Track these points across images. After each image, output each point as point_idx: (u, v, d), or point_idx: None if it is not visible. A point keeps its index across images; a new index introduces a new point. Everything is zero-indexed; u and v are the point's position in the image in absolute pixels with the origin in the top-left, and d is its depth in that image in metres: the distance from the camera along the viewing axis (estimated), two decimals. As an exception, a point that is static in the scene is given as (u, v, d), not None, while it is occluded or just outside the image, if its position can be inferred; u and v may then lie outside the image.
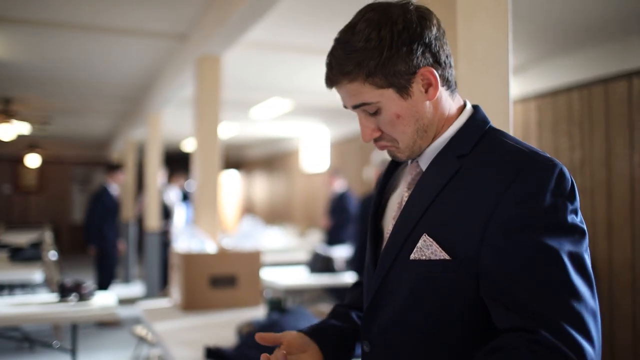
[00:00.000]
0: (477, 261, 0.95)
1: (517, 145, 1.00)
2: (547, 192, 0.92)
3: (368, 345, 1.12)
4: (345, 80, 1.04)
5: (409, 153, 1.09)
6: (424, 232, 1.01)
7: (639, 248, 4.70)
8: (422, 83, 1.03)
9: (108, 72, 6.59)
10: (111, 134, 12.40)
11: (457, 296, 0.97)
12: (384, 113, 1.04)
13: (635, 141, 4.76)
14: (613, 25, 4.52)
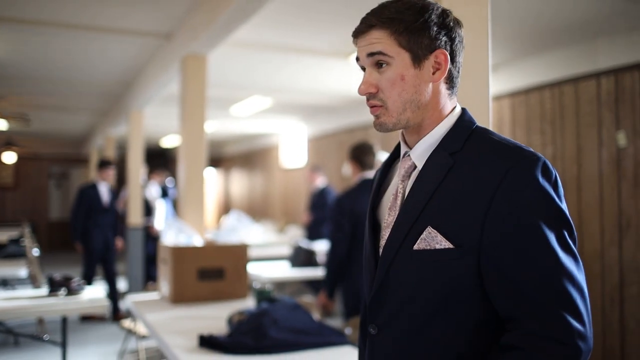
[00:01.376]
0: (479, 248, 1.06)
1: (504, 142, 1.12)
2: (536, 181, 1.04)
3: (375, 329, 1.20)
4: (378, 25, 1.14)
5: (395, 120, 1.16)
6: (428, 225, 1.10)
7: (608, 240, 4.92)
8: (433, 63, 1.14)
9: (90, 69, 6.61)
10: (90, 131, 12.36)
11: (460, 280, 1.08)
12: (390, 70, 1.14)
13: (603, 138, 4.98)
14: (582, 27, 4.71)
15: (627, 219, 4.74)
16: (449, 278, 1.09)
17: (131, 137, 7.71)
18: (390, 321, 1.17)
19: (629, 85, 4.77)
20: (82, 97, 8.40)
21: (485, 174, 1.06)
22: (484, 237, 1.05)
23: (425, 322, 1.12)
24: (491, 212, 1.04)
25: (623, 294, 4.78)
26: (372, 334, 1.21)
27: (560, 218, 1.04)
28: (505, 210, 1.03)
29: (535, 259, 1.02)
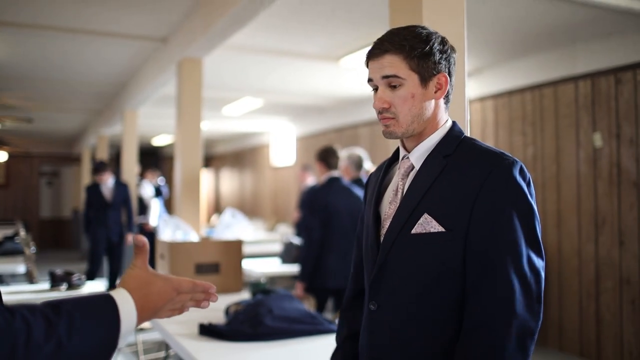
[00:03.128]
0: (466, 232, 1.29)
1: (489, 149, 1.36)
2: (513, 179, 1.29)
3: (375, 305, 1.41)
4: (392, 51, 1.35)
5: (404, 130, 1.38)
6: (425, 212, 1.32)
7: (585, 237, 5.15)
8: (436, 83, 1.37)
9: (86, 71, 6.73)
10: (82, 130, 12.44)
11: (451, 259, 1.30)
12: (403, 89, 1.36)
13: (580, 139, 5.20)
14: (561, 34, 4.93)
15: (603, 216, 4.98)
16: (440, 259, 1.31)
17: (126, 136, 7.85)
18: (389, 297, 1.38)
19: (604, 89, 4.99)
20: (76, 97, 8.50)
21: (473, 173, 1.31)
22: (470, 222, 1.28)
23: (419, 297, 1.34)
24: (477, 202, 1.28)
25: (599, 288, 5.01)
26: (372, 310, 1.41)
27: (530, 210, 1.29)
28: (488, 201, 1.27)
29: (504, 238, 1.26)
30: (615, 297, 4.86)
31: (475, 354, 1.24)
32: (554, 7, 4.23)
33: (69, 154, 15.20)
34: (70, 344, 0.88)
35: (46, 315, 0.89)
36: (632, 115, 4.77)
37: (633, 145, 4.75)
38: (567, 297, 5.24)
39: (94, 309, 0.95)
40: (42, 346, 0.86)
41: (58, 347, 0.87)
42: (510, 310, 1.23)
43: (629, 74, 4.80)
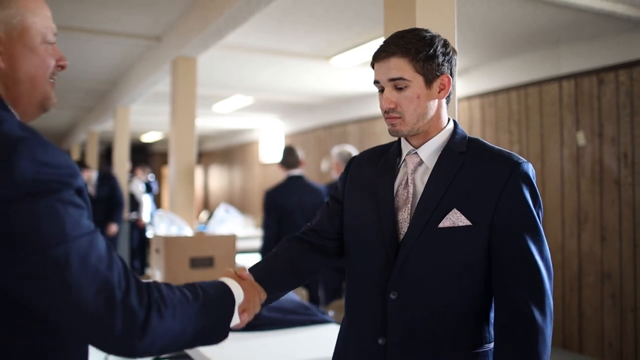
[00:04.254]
0: (490, 225, 1.39)
1: (499, 148, 1.48)
2: (530, 180, 1.41)
3: (395, 294, 1.45)
4: (399, 54, 1.43)
5: (409, 128, 1.45)
6: (453, 207, 1.40)
7: (568, 233, 5.30)
8: (439, 84, 1.46)
9: (78, 68, 6.77)
10: (72, 127, 12.45)
11: (475, 251, 1.40)
12: (409, 90, 1.43)
13: (564, 137, 5.35)
14: (546, 35, 5.06)
15: (585, 213, 5.13)
16: (465, 250, 1.41)
17: (117, 132, 7.91)
18: (413, 287, 1.44)
19: (587, 89, 5.14)
20: (67, 94, 8.54)
21: (494, 171, 1.41)
22: (495, 216, 1.39)
23: (442, 287, 1.43)
24: (501, 199, 1.39)
25: (581, 282, 5.17)
26: (392, 298, 1.45)
27: (541, 206, 1.44)
28: (513, 199, 1.39)
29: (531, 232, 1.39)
30: (597, 291, 5.02)
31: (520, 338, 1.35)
32: (539, 10, 4.36)
33: (58, 150, 15.18)
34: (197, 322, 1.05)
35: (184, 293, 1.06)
36: (613, 114, 4.92)
37: (615, 144, 4.90)
38: (551, 291, 5.39)
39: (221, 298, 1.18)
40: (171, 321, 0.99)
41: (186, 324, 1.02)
42: (544, 293, 1.36)
43: (610, 74, 4.95)
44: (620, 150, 4.86)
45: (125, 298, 0.92)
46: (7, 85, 0.99)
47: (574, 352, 5.18)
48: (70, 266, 0.87)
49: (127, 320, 0.91)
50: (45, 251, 0.85)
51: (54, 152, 0.88)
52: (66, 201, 0.87)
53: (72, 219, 0.88)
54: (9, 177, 0.82)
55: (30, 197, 0.83)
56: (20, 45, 0.99)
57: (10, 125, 0.88)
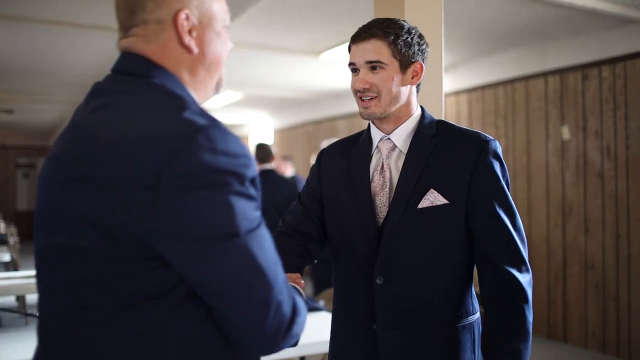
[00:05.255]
0: (466, 202, 1.47)
1: (465, 128, 1.57)
2: (499, 156, 1.50)
3: (381, 279, 1.49)
4: (379, 36, 1.49)
5: (382, 110, 1.50)
6: (429, 187, 1.46)
7: (553, 224, 5.42)
8: (413, 70, 1.52)
9: (71, 63, 6.78)
10: (60, 122, 12.42)
11: (455, 227, 1.48)
12: (384, 72, 1.49)
13: (549, 132, 5.47)
14: (532, 31, 5.17)
15: (570, 205, 5.25)
16: (444, 228, 1.49)
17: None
18: (399, 270, 1.49)
19: (572, 84, 5.26)
20: (57, 89, 8.53)
21: (465, 150, 1.50)
22: (470, 192, 1.47)
23: (427, 267, 1.50)
24: (475, 176, 1.47)
25: (566, 273, 5.29)
26: (378, 284, 1.50)
27: (508, 179, 1.54)
28: (484, 175, 1.48)
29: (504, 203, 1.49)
30: (581, 281, 5.15)
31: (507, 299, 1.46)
32: (525, 6, 4.45)
33: (47, 146, 15.14)
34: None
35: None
36: (597, 109, 5.04)
37: (598, 138, 5.02)
38: (536, 281, 5.51)
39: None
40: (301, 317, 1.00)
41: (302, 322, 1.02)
42: (521, 257, 1.47)
43: (594, 70, 5.07)
44: (604, 144, 4.98)
45: (282, 299, 0.93)
46: (194, 70, 1.04)
47: (559, 342, 5.30)
48: (240, 257, 0.88)
49: (278, 322, 0.92)
50: (217, 242, 0.86)
51: (232, 141, 0.89)
52: (240, 192, 0.88)
53: (244, 212, 0.88)
54: (188, 166, 0.83)
55: (207, 187, 0.84)
56: (209, 31, 1.04)
57: (192, 112, 0.90)
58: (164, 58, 1.01)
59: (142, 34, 1.01)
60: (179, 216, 0.84)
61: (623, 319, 4.80)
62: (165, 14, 0.99)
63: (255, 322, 0.90)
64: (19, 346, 4.93)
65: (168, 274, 0.88)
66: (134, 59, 1.01)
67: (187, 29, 1.00)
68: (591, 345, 5.05)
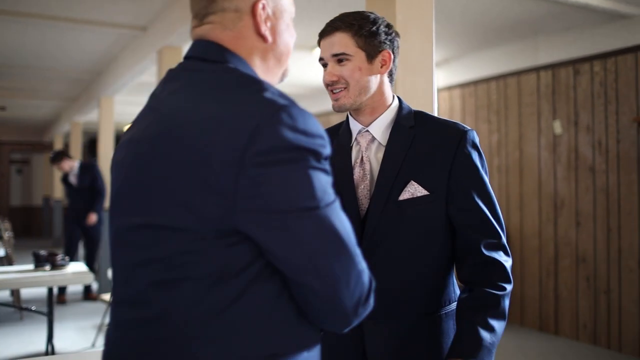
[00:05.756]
0: (446, 191, 1.49)
1: (443, 119, 1.59)
2: (477, 147, 1.53)
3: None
4: (342, 29, 1.51)
5: (352, 101, 1.51)
6: (410, 179, 1.47)
7: (545, 218, 5.46)
8: (381, 59, 1.53)
9: (64, 58, 6.78)
10: (54, 118, 12.40)
11: (437, 217, 1.50)
12: (350, 64, 1.50)
13: (541, 126, 5.51)
14: (524, 27, 5.20)
15: (561, 199, 5.30)
16: (427, 219, 1.51)
17: (102, 123, 7.92)
18: (380, 263, 1.47)
19: (564, 79, 5.30)
20: (50, 84, 8.52)
21: (444, 141, 1.51)
22: (449, 182, 1.49)
23: (409, 258, 1.52)
24: (453, 165, 1.49)
25: (557, 266, 5.34)
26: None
27: (486, 168, 1.56)
28: (463, 165, 1.49)
29: (482, 191, 1.51)
30: (572, 274, 5.20)
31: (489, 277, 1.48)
32: (518, 1, 4.48)
33: (40, 142, 15.12)
34: None
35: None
36: (588, 104, 5.08)
37: (589, 133, 5.07)
38: (528, 275, 5.56)
39: None
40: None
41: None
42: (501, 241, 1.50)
43: (586, 65, 5.11)
44: (595, 139, 5.02)
45: (362, 269, 0.95)
46: (265, 58, 1.09)
47: (550, 334, 5.35)
48: (321, 228, 0.91)
49: (359, 291, 0.95)
50: (298, 214, 0.89)
51: (311, 121, 0.93)
52: (318, 168, 0.92)
53: (322, 186, 0.92)
54: (271, 142, 0.88)
55: (288, 162, 0.88)
56: (281, 22, 1.10)
57: (272, 93, 0.94)
58: (238, 45, 1.05)
59: (219, 21, 1.05)
60: (262, 190, 0.87)
61: (614, 312, 4.86)
62: (244, 3, 1.05)
63: (338, 292, 0.92)
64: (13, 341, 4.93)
65: (244, 251, 0.92)
66: (210, 46, 1.05)
67: (264, 18, 1.06)
68: (582, 337, 5.10)
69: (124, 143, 1.06)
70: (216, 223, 0.89)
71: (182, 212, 0.90)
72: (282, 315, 0.95)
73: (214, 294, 0.91)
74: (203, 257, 0.91)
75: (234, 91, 0.95)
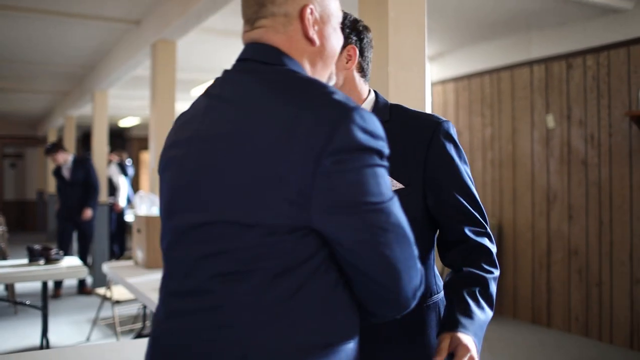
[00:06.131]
0: (423, 183, 1.49)
1: (418, 111, 1.59)
2: (453, 137, 1.53)
3: None
4: None
5: None
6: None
7: (538, 211, 5.50)
8: (346, 55, 1.54)
9: (57, 52, 6.76)
10: (48, 112, 12.36)
11: (415, 209, 1.50)
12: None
13: (535, 120, 5.53)
14: (518, 21, 5.22)
15: (554, 192, 5.33)
16: (406, 212, 1.51)
17: (96, 117, 7.91)
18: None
19: (557, 73, 5.32)
20: (44, 78, 8.49)
21: (418, 133, 1.52)
22: (425, 174, 1.50)
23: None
24: (428, 158, 1.50)
25: (550, 259, 5.37)
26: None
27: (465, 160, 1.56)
28: (438, 156, 1.50)
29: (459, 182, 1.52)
30: (564, 267, 5.23)
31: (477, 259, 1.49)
32: (510, -5, 4.51)
33: (34, 136, 15.06)
34: None
35: None
36: (581, 98, 5.10)
37: (582, 126, 5.09)
38: (521, 268, 5.60)
39: None
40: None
41: None
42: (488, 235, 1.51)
43: (579, 59, 5.13)
44: (587, 132, 5.05)
45: (417, 260, 1.03)
46: (313, 61, 1.14)
47: (543, 326, 5.39)
48: (388, 221, 0.98)
49: (417, 279, 1.03)
50: (368, 210, 0.96)
51: (376, 123, 0.99)
52: (382, 166, 0.99)
53: (385, 182, 0.99)
54: (345, 142, 0.93)
55: (359, 160, 0.95)
56: (328, 26, 1.15)
57: (340, 95, 0.99)
58: (291, 48, 1.10)
59: (271, 25, 1.10)
60: (337, 187, 0.93)
61: (605, 305, 4.90)
62: (292, 8, 1.09)
63: (399, 281, 1.00)
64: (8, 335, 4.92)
65: (309, 244, 0.97)
66: (267, 49, 1.09)
67: (312, 22, 1.10)
68: (574, 330, 5.14)
69: (184, 140, 1.08)
70: (290, 219, 0.94)
71: (255, 209, 0.95)
72: (337, 305, 1.01)
73: (278, 285, 0.96)
74: (271, 251, 0.95)
75: (305, 93, 1.00)
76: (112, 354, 2.08)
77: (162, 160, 1.15)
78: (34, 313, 5.62)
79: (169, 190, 1.09)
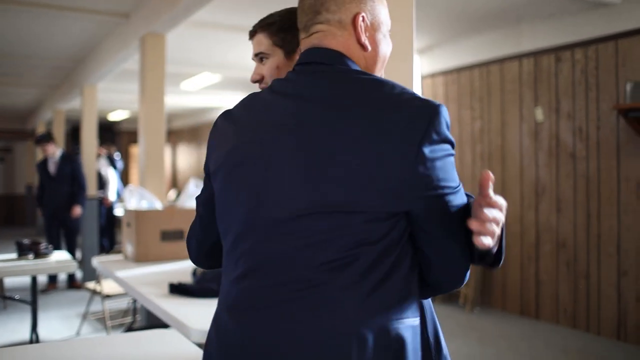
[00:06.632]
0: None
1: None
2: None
3: None
4: (259, 30, 1.54)
5: None
6: None
7: (526, 204, 5.53)
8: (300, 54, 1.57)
9: (45, 46, 6.71)
10: (37, 105, 12.28)
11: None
12: (269, 62, 1.52)
13: (524, 113, 5.56)
14: (507, 13, 5.23)
15: (543, 185, 5.36)
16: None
17: (85, 111, 7.87)
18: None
19: (546, 66, 5.34)
20: (32, 72, 8.43)
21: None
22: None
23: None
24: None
25: (538, 251, 5.41)
26: None
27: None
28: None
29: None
30: (553, 259, 5.27)
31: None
32: (499, -11, 4.51)
33: (23, 129, 14.95)
34: None
35: None
36: (570, 91, 5.13)
37: (570, 120, 5.12)
38: (510, 260, 5.63)
39: None
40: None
41: None
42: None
43: (567, 53, 5.15)
44: (576, 125, 5.08)
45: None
46: (367, 65, 1.20)
47: (531, 318, 5.44)
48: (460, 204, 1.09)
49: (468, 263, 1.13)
50: (452, 192, 1.06)
51: (449, 120, 1.08)
52: (454, 157, 1.09)
53: (456, 171, 1.09)
54: (437, 136, 1.03)
55: (445, 150, 1.04)
56: (379, 32, 1.21)
57: (418, 93, 1.09)
58: (347, 52, 1.17)
59: (327, 30, 1.18)
60: (432, 176, 1.03)
61: (593, 296, 4.94)
62: (345, 15, 1.17)
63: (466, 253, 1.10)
64: (-2, 329, 4.84)
65: (399, 228, 1.07)
66: (328, 52, 1.17)
67: (364, 29, 1.17)
68: (563, 321, 5.19)
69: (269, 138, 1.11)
70: (392, 205, 1.03)
71: (359, 198, 1.02)
72: (413, 287, 1.10)
73: (376, 268, 1.04)
74: (371, 237, 1.03)
75: (391, 91, 1.07)
76: (102, 348, 2.07)
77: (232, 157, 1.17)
78: (24, 307, 5.60)
79: (251, 185, 1.12)
